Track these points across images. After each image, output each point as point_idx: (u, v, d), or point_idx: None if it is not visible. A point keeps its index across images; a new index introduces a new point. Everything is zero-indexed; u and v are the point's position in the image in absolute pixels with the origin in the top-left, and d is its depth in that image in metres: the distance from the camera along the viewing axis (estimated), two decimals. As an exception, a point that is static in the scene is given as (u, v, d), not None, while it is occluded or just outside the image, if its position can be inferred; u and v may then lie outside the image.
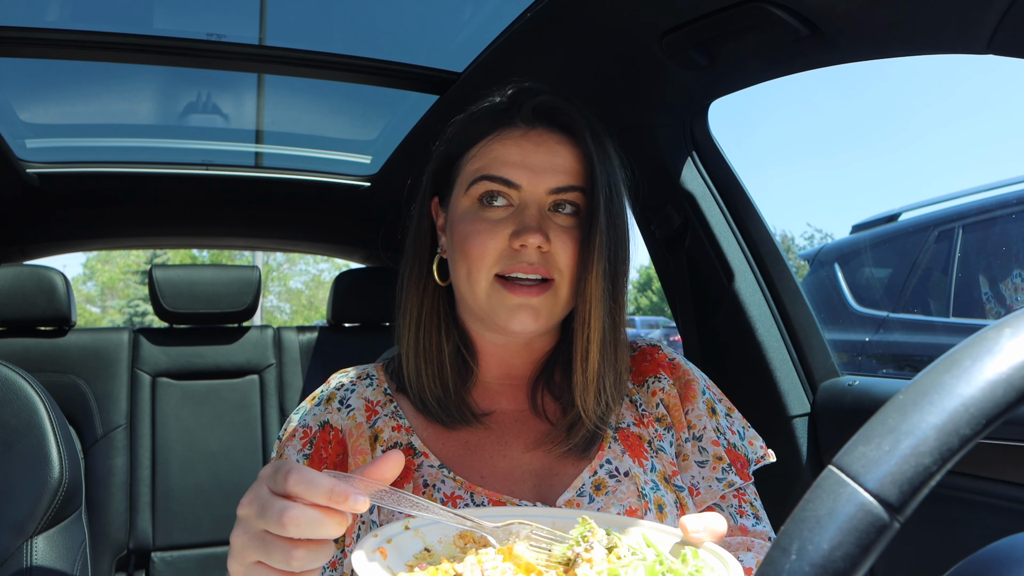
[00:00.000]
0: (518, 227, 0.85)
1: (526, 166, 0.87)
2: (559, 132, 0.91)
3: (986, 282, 3.27)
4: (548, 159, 0.88)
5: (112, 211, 2.65)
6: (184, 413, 2.55)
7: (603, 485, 0.88)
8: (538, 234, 0.84)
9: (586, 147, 0.88)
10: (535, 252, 0.85)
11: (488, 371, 0.97)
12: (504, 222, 0.87)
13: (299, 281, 28.08)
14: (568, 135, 0.90)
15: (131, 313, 26.74)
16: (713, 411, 0.97)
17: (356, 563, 0.58)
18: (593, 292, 0.85)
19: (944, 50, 1.06)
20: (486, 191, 0.88)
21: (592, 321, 0.86)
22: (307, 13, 1.69)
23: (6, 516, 1.18)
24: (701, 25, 1.21)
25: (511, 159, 0.88)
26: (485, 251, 0.86)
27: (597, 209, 0.86)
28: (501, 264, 0.86)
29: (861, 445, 0.36)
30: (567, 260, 0.86)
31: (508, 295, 0.86)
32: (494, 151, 0.89)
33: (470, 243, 0.87)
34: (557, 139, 0.90)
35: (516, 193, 0.88)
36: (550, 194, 0.88)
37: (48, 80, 1.93)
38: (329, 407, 0.95)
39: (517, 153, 0.88)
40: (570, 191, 0.88)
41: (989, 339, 0.36)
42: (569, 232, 0.87)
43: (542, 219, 0.87)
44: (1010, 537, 0.48)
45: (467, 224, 0.88)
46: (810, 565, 0.34)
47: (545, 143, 0.89)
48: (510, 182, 0.87)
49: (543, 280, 0.86)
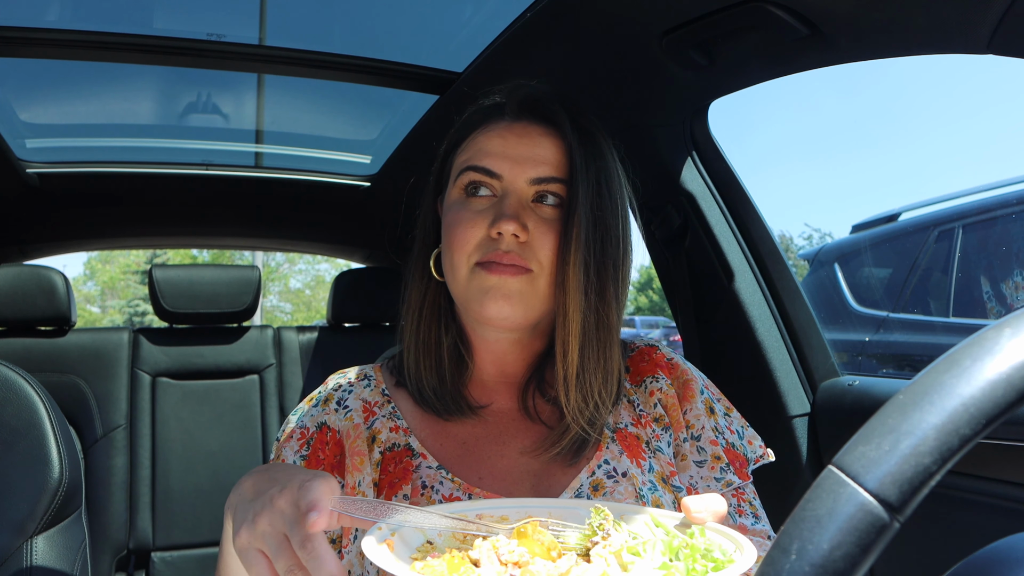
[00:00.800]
0: (496, 215, 0.86)
1: (507, 156, 0.88)
2: (543, 124, 0.91)
3: (986, 282, 3.27)
4: (530, 150, 0.89)
5: (112, 211, 2.65)
6: (184, 413, 2.55)
7: (601, 486, 0.88)
8: (513, 222, 0.84)
9: (567, 139, 0.88)
10: (512, 240, 0.85)
11: (484, 368, 0.97)
12: (486, 212, 0.88)
13: (299, 281, 28.10)
14: (552, 127, 0.91)
15: (131, 313, 26.73)
16: (711, 410, 0.97)
17: (371, 552, 0.59)
18: (571, 284, 0.85)
19: (944, 50, 1.06)
20: (470, 181, 0.89)
21: (571, 313, 0.85)
22: (307, 13, 1.69)
23: (6, 516, 1.18)
24: (701, 25, 1.21)
25: (494, 150, 0.89)
26: (466, 239, 0.87)
27: (576, 201, 0.85)
28: (480, 252, 0.86)
29: (861, 445, 0.36)
30: (546, 252, 0.86)
31: (485, 275, 0.86)
32: (479, 143, 0.91)
33: (452, 232, 0.88)
34: (541, 131, 0.90)
35: (498, 183, 0.88)
36: (531, 184, 0.88)
37: (48, 80, 1.93)
38: (327, 408, 0.95)
39: (500, 144, 0.89)
40: (551, 182, 0.88)
41: (989, 339, 0.36)
42: (550, 223, 0.87)
43: (520, 208, 0.87)
44: (1010, 537, 0.48)
45: (452, 214, 0.90)
46: (810, 565, 0.34)
47: (528, 135, 0.90)
48: (491, 172, 0.88)
49: (522, 270, 0.86)
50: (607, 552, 0.60)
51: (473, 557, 0.60)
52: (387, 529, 0.65)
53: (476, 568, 0.59)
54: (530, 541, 0.62)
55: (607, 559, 0.59)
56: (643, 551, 0.59)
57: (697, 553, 0.59)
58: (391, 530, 0.65)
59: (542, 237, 0.86)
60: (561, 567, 0.58)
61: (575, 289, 0.85)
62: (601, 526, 0.63)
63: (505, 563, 0.59)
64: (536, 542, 0.62)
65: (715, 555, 0.59)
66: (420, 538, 0.67)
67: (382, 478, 0.89)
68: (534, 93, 0.92)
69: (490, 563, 0.59)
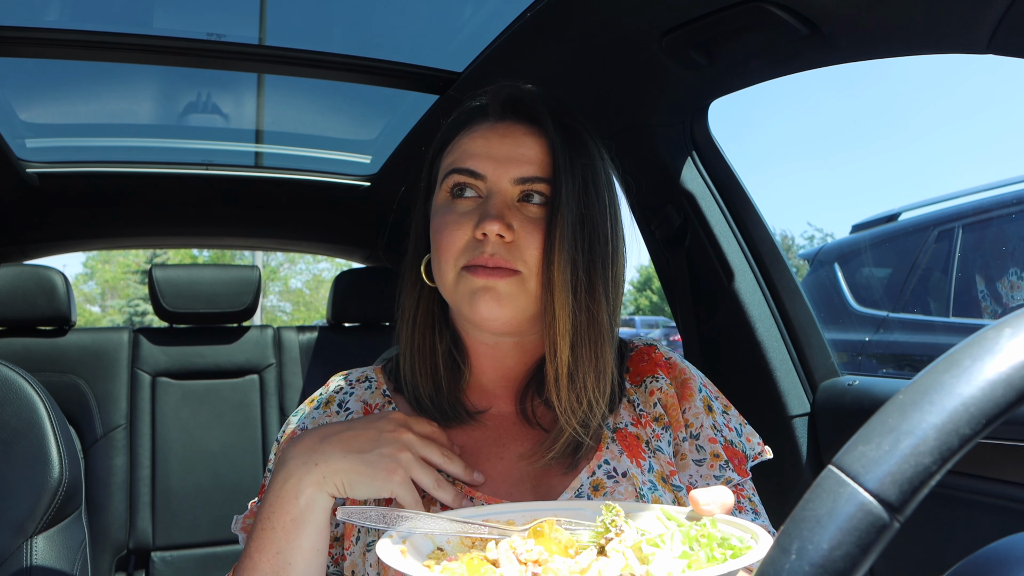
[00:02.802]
0: (480, 216, 0.85)
1: (491, 157, 0.88)
2: (526, 124, 0.90)
3: (986, 281, 3.27)
4: (513, 150, 0.88)
5: (112, 211, 2.65)
6: (184, 413, 2.55)
7: (601, 486, 0.88)
8: (498, 222, 0.84)
9: (550, 137, 0.88)
10: (497, 242, 0.85)
11: (482, 372, 0.97)
12: (470, 213, 0.87)
13: (299, 281, 28.09)
14: (536, 126, 0.90)
15: (131, 313, 26.73)
16: (710, 408, 0.97)
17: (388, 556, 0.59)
18: (557, 284, 0.84)
19: (944, 50, 1.06)
20: (455, 183, 0.89)
21: (558, 312, 0.84)
22: (307, 13, 1.68)
23: (6, 516, 1.18)
24: (701, 25, 1.21)
25: (477, 151, 0.88)
26: (452, 242, 0.86)
27: (559, 199, 0.85)
28: (467, 255, 0.86)
29: (861, 445, 0.36)
30: (532, 251, 0.85)
31: (472, 278, 0.85)
32: (463, 145, 0.90)
33: (439, 236, 0.88)
34: (524, 130, 0.90)
35: (483, 184, 0.88)
36: (515, 184, 0.87)
37: (48, 80, 1.93)
38: (328, 411, 0.95)
39: (483, 145, 0.89)
40: (535, 182, 0.87)
41: (989, 339, 0.36)
42: (535, 223, 0.86)
43: (505, 208, 0.86)
44: (1010, 537, 0.48)
45: (439, 218, 0.89)
46: (810, 565, 0.34)
47: (512, 134, 0.89)
48: (475, 172, 0.88)
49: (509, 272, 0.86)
50: (623, 547, 0.60)
51: (491, 558, 0.60)
52: (398, 536, 0.65)
53: (496, 568, 0.59)
54: (547, 540, 0.62)
55: (624, 553, 0.59)
56: (660, 543, 0.59)
57: (714, 542, 0.59)
58: (402, 537, 0.65)
59: (528, 237, 0.85)
60: (581, 562, 0.58)
61: (561, 288, 0.84)
62: (614, 522, 0.63)
63: (524, 562, 0.59)
64: (553, 540, 0.62)
65: (732, 543, 0.59)
66: (430, 545, 0.67)
67: None
68: (516, 93, 0.91)
69: (509, 563, 0.59)
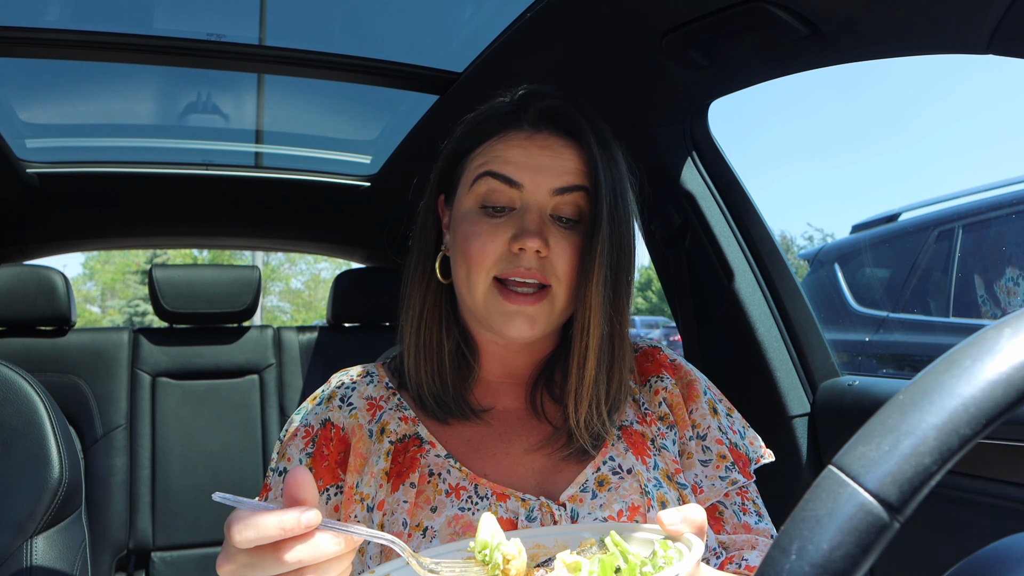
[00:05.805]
0: (517, 230, 0.86)
1: (529, 166, 0.88)
2: (564, 136, 0.91)
3: (986, 283, 3.27)
4: (552, 161, 0.88)
5: (112, 211, 2.65)
6: (184, 413, 2.55)
7: (606, 481, 0.89)
8: (537, 238, 0.84)
9: (591, 151, 0.88)
10: (533, 257, 0.85)
11: (490, 369, 0.97)
12: (505, 225, 0.87)
13: (299, 281, 28.09)
14: (573, 139, 0.90)
15: (131, 313, 26.72)
16: (715, 410, 0.98)
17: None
18: (593, 300, 0.85)
19: (944, 50, 1.06)
20: (488, 189, 0.88)
21: (591, 328, 0.86)
22: (307, 13, 1.68)
23: (6, 516, 1.18)
24: (701, 25, 1.21)
25: (515, 159, 0.88)
26: (484, 253, 0.86)
27: (600, 214, 0.85)
28: (499, 267, 0.86)
29: (861, 445, 0.36)
30: (565, 266, 0.86)
31: (504, 303, 0.86)
32: (498, 151, 0.89)
33: (470, 244, 0.87)
34: (562, 143, 0.90)
35: (518, 194, 0.88)
36: (553, 195, 0.88)
37: (48, 80, 1.93)
38: (330, 405, 0.95)
39: (521, 154, 0.88)
40: (573, 191, 0.88)
41: (989, 339, 0.36)
42: (569, 238, 0.87)
43: (542, 223, 0.87)
44: (1010, 537, 0.48)
45: (469, 225, 0.88)
46: (810, 565, 0.34)
47: (550, 146, 0.89)
48: (512, 180, 0.87)
49: (540, 287, 0.86)
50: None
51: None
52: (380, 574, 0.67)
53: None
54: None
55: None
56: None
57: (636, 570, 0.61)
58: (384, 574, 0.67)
59: (561, 252, 0.86)
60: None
61: (597, 305, 0.85)
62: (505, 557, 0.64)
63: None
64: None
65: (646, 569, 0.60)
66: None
67: (392, 468, 0.89)
68: (554, 104, 0.91)
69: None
